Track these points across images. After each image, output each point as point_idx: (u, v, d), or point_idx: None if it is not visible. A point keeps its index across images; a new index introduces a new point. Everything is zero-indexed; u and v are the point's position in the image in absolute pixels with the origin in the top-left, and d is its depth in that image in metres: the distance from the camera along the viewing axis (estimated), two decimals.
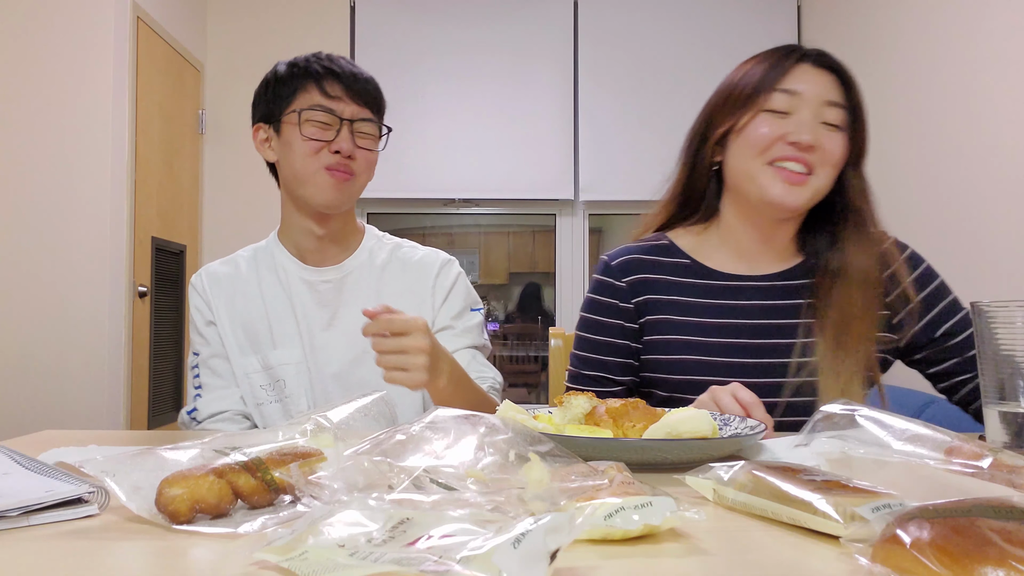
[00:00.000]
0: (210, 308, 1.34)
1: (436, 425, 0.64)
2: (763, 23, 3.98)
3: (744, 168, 1.12)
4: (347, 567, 0.41)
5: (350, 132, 1.25)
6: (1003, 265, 2.55)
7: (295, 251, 1.34)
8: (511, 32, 4.01)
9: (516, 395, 4.65)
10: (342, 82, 1.26)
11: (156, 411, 3.40)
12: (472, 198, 4.06)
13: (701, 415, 0.79)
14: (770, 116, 1.09)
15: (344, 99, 1.25)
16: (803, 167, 1.08)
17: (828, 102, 1.09)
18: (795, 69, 1.10)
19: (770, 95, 1.10)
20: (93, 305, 2.98)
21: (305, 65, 1.27)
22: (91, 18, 3.03)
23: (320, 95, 1.25)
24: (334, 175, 1.25)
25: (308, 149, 1.24)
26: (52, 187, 2.99)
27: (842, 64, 1.13)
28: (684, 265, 1.20)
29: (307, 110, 1.24)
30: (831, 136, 1.08)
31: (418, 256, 1.39)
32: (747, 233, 1.17)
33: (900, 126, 3.16)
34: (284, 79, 1.27)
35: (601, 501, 0.53)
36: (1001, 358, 0.77)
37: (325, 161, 1.24)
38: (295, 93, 1.26)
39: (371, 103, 1.29)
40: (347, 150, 1.24)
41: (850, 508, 0.51)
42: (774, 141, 1.08)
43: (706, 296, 1.18)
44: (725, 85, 1.16)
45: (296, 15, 3.91)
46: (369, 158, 1.29)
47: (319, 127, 1.25)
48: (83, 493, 0.59)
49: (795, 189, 1.08)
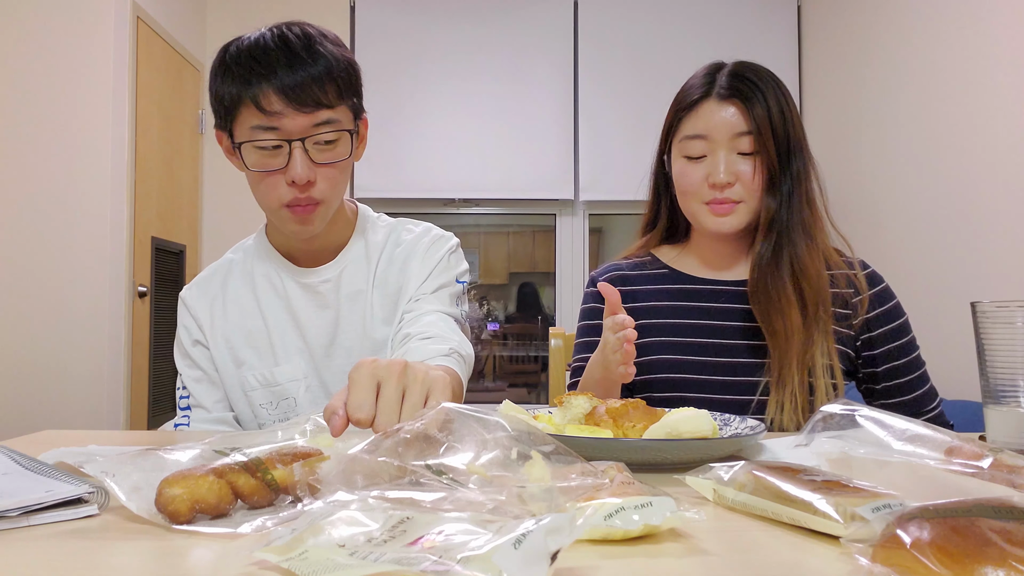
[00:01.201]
0: (200, 327, 1.23)
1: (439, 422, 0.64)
2: (763, 23, 3.98)
3: (685, 207, 1.23)
4: (347, 567, 0.41)
5: (302, 153, 1.05)
6: (1003, 265, 2.55)
7: (285, 252, 1.23)
8: (511, 32, 4.01)
9: (516, 395, 4.65)
10: (282, 93, 1.03)
11: (156, 411, 3.40)
12: (472, 198, 4.06)
13: (701, 415, 0.79)
14: (689, 163, 1.18)
15: (287, 113, 1.03)
16: (727, 200, 1.16)
17: (737, 134, 1.15)
18: (701, 108, 1.18)
19: (684, 143, 1.19)
20: (93, 305, 2.98)
21: (239, 69, 1.05)
22: (91, 18, 3.03)
23: (257, 113, 1.03)
24: (295, 212, 1.09)
25: (262, 185, 1.09)
26: (52, 187, 2.99)
27: (744, 88, 1.16)
28: (663, 274, 1.28)
29: (248, 140, 1.05)
30: (747, 163, 1.16)
31: (414, 233, 1.27)
32: (712, 247, 1.26)
33: (900, 126, 3.16)
34: (224, 80, 1.07)
35: (601, 501, 0.53)
36: (1001, 358, 0.77)
37: (283, 197, 1.08)
38: (235, 107, 1.06)
39: (325, 100, 1.05)
40: (301, 178, 1.05)
41: (850, 508, 0.51)
42: (699, 185, 1.17)
43: (683, 299, 1.25)
44: (663, 129, 1.25)
45: (296, 15, 3.87)
46: (334, 174, 1.10)
47: (267, 154, 1.06)
48: (83, 493, 0.59)
49: (727, 219, 1.17)
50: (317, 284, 1.21)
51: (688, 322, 1.22)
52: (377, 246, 1.24)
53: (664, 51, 3.98)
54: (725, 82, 1.17)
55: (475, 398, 4.14)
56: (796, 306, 1.13)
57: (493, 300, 5.26)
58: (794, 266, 1.14)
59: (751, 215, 1.18)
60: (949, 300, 2.78)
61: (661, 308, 1.25)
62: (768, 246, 1.16)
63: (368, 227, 1.27)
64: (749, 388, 1.16)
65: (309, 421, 0.75)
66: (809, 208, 1.18)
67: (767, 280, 1.15)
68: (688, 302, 1.24)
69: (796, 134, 1.16)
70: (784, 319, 1.13)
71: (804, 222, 1.17)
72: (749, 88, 1.15)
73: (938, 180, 2.90)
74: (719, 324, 1.21)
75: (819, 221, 1.19)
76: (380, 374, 0.68)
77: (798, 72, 3.99)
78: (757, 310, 1.16)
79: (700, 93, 1.18)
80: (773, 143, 1.14)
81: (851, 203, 3.51)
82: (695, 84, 1.20)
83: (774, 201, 1.16)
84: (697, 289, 1.25)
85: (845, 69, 3.61)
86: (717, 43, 3.89)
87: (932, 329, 2.74)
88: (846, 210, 3.55)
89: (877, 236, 3.22)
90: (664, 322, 1.23)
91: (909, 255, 3.04)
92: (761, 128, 1.14)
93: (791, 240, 1.15)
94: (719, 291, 1.23)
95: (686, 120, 1.19)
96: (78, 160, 3.00)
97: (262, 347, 1.21)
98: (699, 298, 1.24)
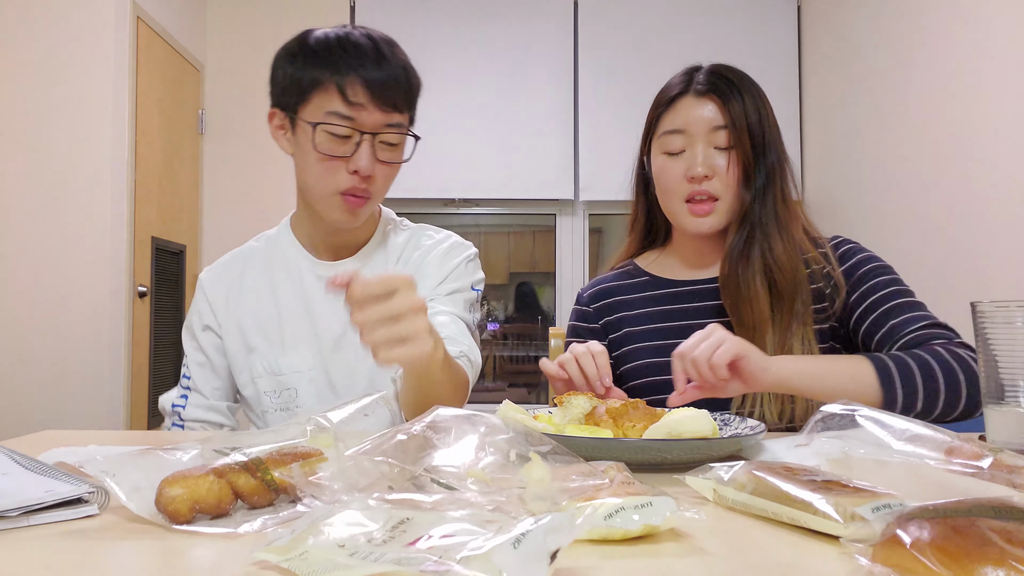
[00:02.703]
0: (213, 312, 1.24)
1: (437, 425, 0.64)
2: (763, 23, 3.98)
3: (665, 205, 1.25)
4: (347, 567, 0.41)
5: (371, 147, 1.10)
6: (1003, 265, 2.55)
7: (307, 243, 1.25)
8: (511, 32, 4.01)
9: (516, 395, 4.64)
10: (368, 87, 1.08)
11: (156, 411, 3.40)
12: (472, 198, 4.06)
13: (701, 415, 0.80)
14: (668, 159, 1.20)
15: (368, 107, 1.09)
16: (706, 196, 1.18)
17: (713, 128, 1.18)
18: (679, 104, 1.20)
19: (663, 138, 1.21)
20: (93, 305, 2.98)
21: (327, 55, 1.09)
22: (91, 18, 3.03)
23: (340, 100, 1.08)
24: (348, 201, 1.13)
25: (321, 167, 1.11)
26: (52, 187, 2.99)
27: (721, 84, 1.19)
28: (644, 281, 1.32)
29: (322, 123, 1.09)
30: (723, 157, 1.18)
31: (434, 239, 1.29)
32: (692, 247, 1.28)
33: (899, 126, 3.16)
34: (305, 63, 1.11)
35: (601, 501, 0.53)
36: (1001, 358, 0.77)
37: (341, 184, 1.11)
38: (313, 89, 1.10)
39: (400, 104, 1.12)
40: (365, 170, 1.10)
41: (850, 508, 0.51)
42: (678, 181, 1.19)
43: (663, 303, 1.28)
44: (644, 129, 1.28)
45: (296, 15, 3.91)
46: (389, 173, 1.16)
47: (336, 141, 1.10)
48: (83, 493, 0.59)
49: (705, 219, 1.19)
50: None
51: (668, 325, 1.25)
52: (397, 248, 1.27)
53: (664, 51, 3.98)
54: (703, 79, 1.20)
55: (475, 398, 4.12)
56: (765, 298, 1.14)
57: (493, 300, 5.26)
58: (767, 259, 1.16)
59: (729, 214, 1.20)
60: (949, 300, 2.78)
61: (643, 315, 1.28)
62: (740, 239, 1.18)
63: (390, 229, 1.30)
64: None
65: (309, 421, 0.75)
66: (784, 203, 1.20)
67: (737, 272, 1.17)
68: (668, 306, 1.27)
69: (771, 132, 1.19)
70: (752, 310, 1.14)
71: (778, 216, 1.18)
72: (726, 85, 1.19)
73: (938, 180, 2.90)
74: (697, 323, 1.20)
75: (795, 217, 1.21)
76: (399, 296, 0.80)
77: (798, 72, 3.98)
78: (727, 302, 1.18)
79: (678, 90, 1.21)
80: (748, 138, 1.17)
81: (850, 203, 3.51)
82: (673, 83, 1.24)
83: (748, 194, 1.18)
84: (675, 292, 1.27)
85: (845, 69, 3.61)
86: (717, 43, 3.89)
87: None
88: (845, 210, 3.55)
89: (876, 236, 3.22)
90: (646, 328, 1.26)
91: (909, 255, 3.04)
92: (737, 123, 1.17)
93: (765, 234, 1.17)
94: (696, 291, 1.26)
95: (665, 116, 1.22)
96: (78, 160, 3.00)
97: (272, 334, 1.22)
98: (678, 300, 1.26)
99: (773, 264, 1.16)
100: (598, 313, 1.33)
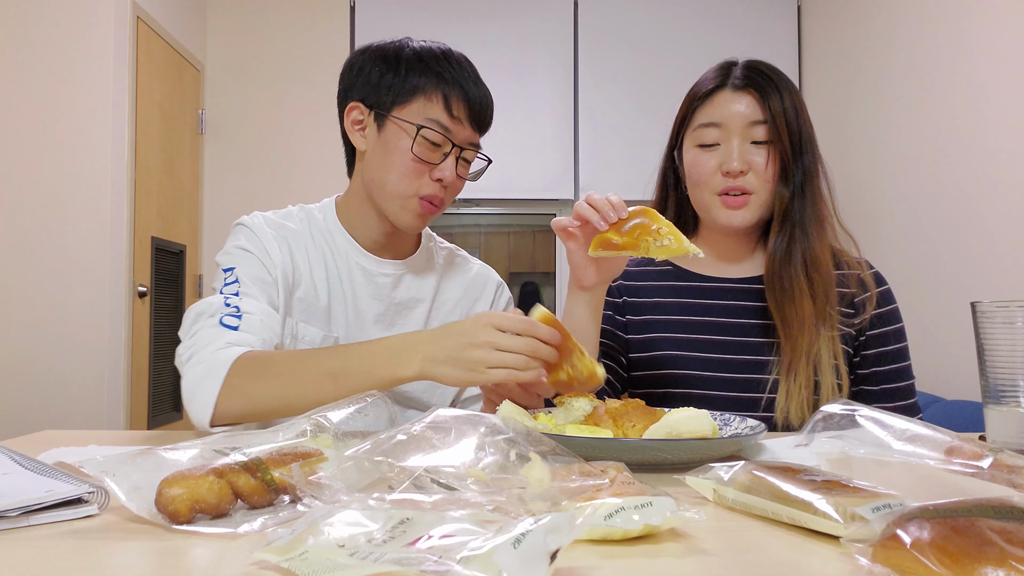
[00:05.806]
0: (267, 251, 1.16)
1: (436, 425, 0.64)
2: (763, 23, 3.98)
3: (696, 198, 1.23)
4: (347, 567, 0.41)
5: (455, 160, 1.14)
6: (1003, 265, 2.55)
7: (356, 235, 1.23)
8: (511, 31, 4.01)
9: None
10: (468, 104, 1.14)
11: (156, 411, 3.40)
12: (472, 198, 4.06)
13: (701, 415, 0.79)
14: (702, 152, 1.19)
15: (464, 122, 1.14)
16: (741, 191, 1.17)
17: (751, 123, 1.16)
18: (716, 98, 1.19)
19: (698, 131, 1.19)
20: (93, 305, 2.98)
21: (438, 67, 1.13)
22: (91, 18, 3.03)
23: (443, 111, 1.12)
24: (424, 206, 1.15)
25: (410, 169, 1.13)
26: (52, 187, 2.99)
27: (760, 80, 1.18)
28: (667, 271, 1.29)
29: (426, 128, 1.11)
30: (760, 153, 1.16)
31: (473, 271, 1.34)
32: (720, 242, 1.26)
33: (899, 125, 3.16)
34: (409, 69, 1.13)
35: (601, 501, 0.53)
36: (1001, 358, 0.77)
37: (423, 189, 1.14)
38: (415, 93, 1.13)
39: (484, 127, 1.18)
40: (448, 180, 1.14)
41: (850, 508, 0.51)
42: (712, 174, 1.18)
43: (685, 296, 1.25)
44: (675, 122, 1.26)
45: (296, 15, 3.91)
46: (459, 188, 1.20)
47: (428, 147, 1.13)
48: (83, 493, 0.59)
49: (738, 212, 1.17)
50: (377, 274, 1.23)
51: (693, 319, 1.23)
52: (438, 268, 1.31)
53: (664, 51, 3.98)
54: (740, 73, 1.19)
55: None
56: (808, 297, 1.14)
57: None
58: (806, 258, 1.16)
59: (763, 209, 1.18)
60: (949, 300, 2.78)
61: (665, 305, 1.25)
62: (783, 239, 1.17)
63: (433, 244, 1.33)
64: (754, 385, 1.16)
65: (309, 421, 0.75)
66: (822, 202, 1.19)
67: (781, 272, 1.16)
68: (693, 299, 1.24)
69: (807, 130, 1.18)
70: (797, 309, 1.14)
71: (818, 215, 1.18)
72: (764, 80, 1.17)
73: (938, 180, 2.90)
74: (724, 321, 1.21)
75: (828, 218, 1.21)
76: None
77: (798, 72, 3.99)
78: (772, 302, 1.17)
79: (715, 84, 1.19)
80: (787, 134, 1.16)
81: (850, 203, 3.51)
82: (709, 76, 1.22)
83: (787, 192, 1.17)
84: (701, 287, 1.25)
85: (845, 69, 3.61)
86: (717, 43, 3.89)
87: (932, 329, 2.74)
88: (845, 210, 3.55)
89: (877, 236, 3.22)
90: (669, 319, 1.24)
91: (909, 255, 3.04)
92: (776, 118, 1.15)
93: (804, 233, 1.17)
94: (725, 288, 1.24)
95: (700, 110, 1.20)
96: (78, 160, 3.01)
97: (315, 312, 1.19)
98: (704, 295, 1.24)
99: (811, 263, 1.15)
100: (619, 289, 1.30)
